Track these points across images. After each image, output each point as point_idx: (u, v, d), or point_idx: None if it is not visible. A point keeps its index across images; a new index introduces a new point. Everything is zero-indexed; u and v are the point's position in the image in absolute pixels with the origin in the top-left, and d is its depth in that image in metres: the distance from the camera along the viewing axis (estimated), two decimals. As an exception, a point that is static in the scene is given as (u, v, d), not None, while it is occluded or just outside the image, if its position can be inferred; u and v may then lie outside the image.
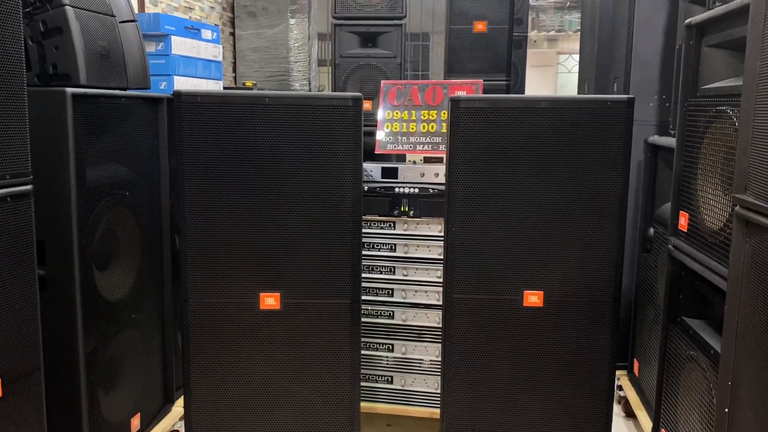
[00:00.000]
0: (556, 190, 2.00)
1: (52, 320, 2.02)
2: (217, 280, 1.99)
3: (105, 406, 2.19)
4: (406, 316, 2.67)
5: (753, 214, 1.51)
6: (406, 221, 2.64)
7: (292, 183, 1.95)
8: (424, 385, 2.69)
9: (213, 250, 1.98)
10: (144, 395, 2.44)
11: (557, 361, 2.07)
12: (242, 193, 1.96)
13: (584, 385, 2.07)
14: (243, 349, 2.03)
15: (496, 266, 2.04)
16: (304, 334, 2.02)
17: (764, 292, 1.47)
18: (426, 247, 2.64)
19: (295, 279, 2.00)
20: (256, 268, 1.99)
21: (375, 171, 2.62)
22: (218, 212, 1.97)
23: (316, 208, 1.97)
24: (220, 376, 2.04)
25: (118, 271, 2.26)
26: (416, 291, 2.66)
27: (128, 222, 2.31)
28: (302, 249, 1.98)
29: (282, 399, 2.06)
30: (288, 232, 1.98)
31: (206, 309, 2.01)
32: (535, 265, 2.04)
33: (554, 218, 2.01)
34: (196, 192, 1.97)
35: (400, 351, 2.69)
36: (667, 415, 2.25)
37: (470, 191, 2.01)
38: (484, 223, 2.02)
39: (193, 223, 1.97)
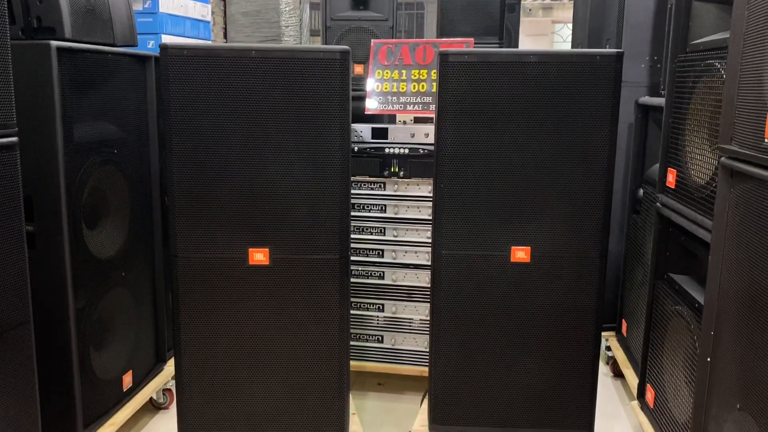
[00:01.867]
0: (545, 146, 2.00)
1: (42, 277, 2.02)
2: (205, 235, 2.00)
3: (96, 363, 2.21)
4: (396, 276, 2.69)
5: (738, 163, 1.52)
6: (396, 182, 2.64)
7: (280, 138, 1.95)
8: (413, 344, 2.71)
9: (201, 206, 1.98)
10: (135, 354, 2.46)
11: (544, 316, 2.09)
12: (230, 148, 1.95)
13: (571, 340, 2.10)
14: (233, 304, 2.04)
15: (483, 222, 2.05)
16: (294, 289, 2.03)
17: (748, 240, 1.48)
18: (416, 208, 2.64)
19: (284, 234, 2.00)
20: (245, 224, 1.99)
21: (365, 132, 2.61)
22: (206, 167, 1.96)
23: (304, 162, 1.96)
24: (211, 331, 2.05)
25: (107, 229, 2.26)
26: (406, 251, 2.67)
27: (117, 181, 2.30)
28: (291, 204, 1.98)
29: (272, 354, 2.07)
30: (277, 187, 1.97)
31: (195, 264, 2.01)
32: (522, 221, 2.04)
33: (542, 174, 2.01)
34: (184, 147, 1.96)
35: (390, 311, 2.71)
36: (653, 371, 2.28)
37: (458, 147, 2.01)
38: (473, 179, 2.02)
39: (180, 178, 1.97)
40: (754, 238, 1.45)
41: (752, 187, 1.47)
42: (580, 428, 2.16)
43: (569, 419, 2.16)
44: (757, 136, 1.44)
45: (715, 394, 1.66)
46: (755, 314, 1.43)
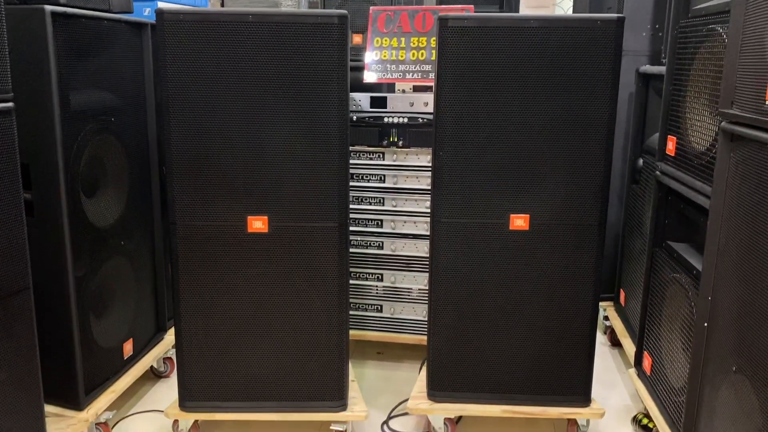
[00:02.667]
0: (545, 113, 1.98)
1: (41, 245, 2.03)
2: (204, 203, 1.99)
3: (97, 331, 2.22)
4: (395, 246, 2.69)
5: (738, 127, 1.51)
6: (395, 151, 2.63)
7: (278, 104, 1.93)
8: (412, 313, 2.73)
9: (199, 173, 1.97)
10: (136, 323, 2.47)
11: (543, 284, 2.10)
12: (228, 115, 1.94)
13: (569, 308, 2.10)
14: (232, 272, 2.04)
15: (482, 190, 2.04)
16: (293, 258, 2.03)
17: (747, 204, 1.48)
18: (415, 178, 2.64)
19: (283, 202, 2.00)
20: (244, 192, 1.99)
21: (364, 100, 2.59)
22: (204, 134, 1.95)
23: (302, 130, 1.95)
24: (210, 298, 2.06)
25: (105, 198, 2.26)
26: (405, 221, 2.67)
27: (115, 149, 2.29)
28: (289, 172, 1.98)
29: (271, 322, 2.08)
30: (275, 155, 1.97)
31: (194, 232, 2.01)
32: (521, 189, 2.04)
33: (542, 142, 2.00)
34: (181, 114, 1.95)
35: (389, 280, 2.72)
36: (651, 339, 2.29)
37: (458, 114, 2.00)
38: (471, 147, 2.01)
39: (178, 145, 1.96)
40: (753, 201, 1.45)
41: (752, 151, 1.46)
42: (577, 396, 2.18)
43: (566, 387, 2.18)
44: (757, 99, 1.43)
45: (711, 358, 1.67)
46: (753, 277, 1.43)
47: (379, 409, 2.43)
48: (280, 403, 2.15)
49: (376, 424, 2.33)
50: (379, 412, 2.41)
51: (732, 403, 1.52)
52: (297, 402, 2.14)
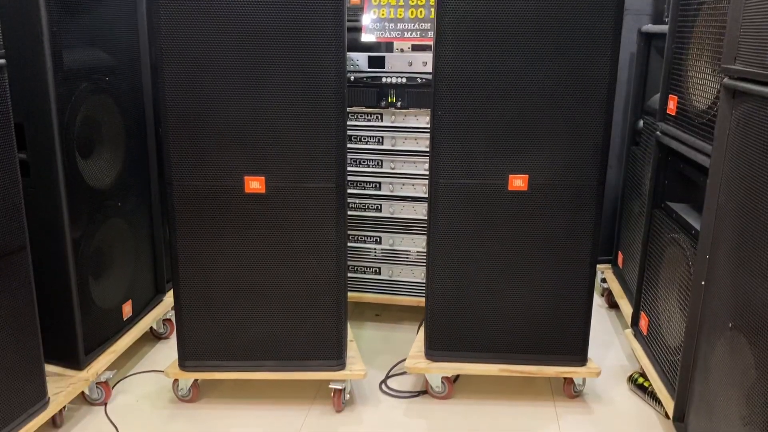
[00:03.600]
0: (545, 73, 1.96)
1: (37, 206, 2.02)
2: (200, 163, 1.98)
3: (95, 292, 2.22)
4: (394, 209, 2.69)
5: (741, 82, 1.49)
6: (394, 113, 2.60)
7: (275, 63, 1.91)
8: (410, 275, 2.73)
9: (196, 133, 1.96)
10: (134, 284, 2.48)
11: (541, 245, 2.10)
12: (224, 75, 1.91)
13: (567, 268, 2.11)
14: (229, 232, 2.04)
15: (481, 150, 2.03)
16: (290, 218, 2.03)
17: (747, 160, 1.47)
18: (413, 140, 2.62)
19: (280, 163, 1.98)
20: (241, 152, 1.97)
21: (361, 60, 2.56)
22: (199, 94, 1.93)
23: (300, 90, 1.93)
24: (208, 259, 2.06)
25: (102, 159, 2.24)
26: (403, 184, 2.66)
27: (110, 109, 2.27)
28: (287, 133, 1.96)
29: (270, 282, 2.09)
30: (272, 115, 1.95)
31: (191, 192, 2.00)
32: (520, 149, 2.02)
33: (542, 101, 1.98)
34: (176, 74, 1.92)
35: (387, 243, 2.72)
36: (648, 299, 2.30)
37: (457, 74, 1.97)
38: (471, 107, 1.99)
39: (173, 104, 1.93)
40: (753, 158, 1.44)
41: (754, 107, 1.44)
42: (574, 355, 2.20)
43: (563, 347, 2.19)
44: (761, 54, 1.40)
45: (707, 316, 1.67)
46: (752, 235, 1.43)
47: (377, 368, 2.46)
48: (279, 363, 2.16)
49: (375, 383, 2.36)
50: (378, 372, 2.43)
51: (727, 360, 1.53)
52: (296, 361, 2.16)
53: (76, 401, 2.20)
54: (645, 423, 2.13)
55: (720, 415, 1.56)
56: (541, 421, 2.14)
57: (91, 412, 2.18)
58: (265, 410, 2.19)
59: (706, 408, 1.65)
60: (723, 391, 1.55)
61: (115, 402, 2.25)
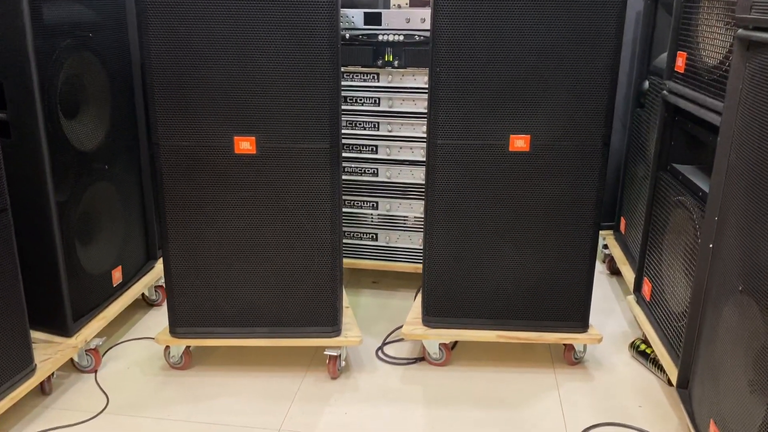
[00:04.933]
0: (548, 28, 1.87)
1: (19, 168, 1.94)
2: (189, 122, 1.90)
3: (83, 258, 2.16)
4: (391, 173, 2.61)
5: (756, 32, 1.40)
6: (391, 72, 2.51)
7: (266, 19, 1.81)
8: (408, 242, 2.67)
9: (183, 92, 1.87)
10: (125, 250, 2.42)
11: (542, 208, 2.03)
12: (212, 30, 1.82)
13: (569, 232, 2.04)
14: (219, 194, 1.97)
15: (481, 110, 1.95)
16: (283, 180, 1.96)
17: (760, 117, 1.39)
18: (411, 101, 2.53)
19: (271, 123, 1.90)
20: (230, 111, 1.89)
21: (357, 17, 2.46)
22: (186, 50, 1.84)
23: (291, 46, 1.84)
24: (197, 222, 2.00)
25: (87, 119, 2.16)
26: (401, 147, 2.58)
27: (94, 68, 2.17)
28: (278, 91, 1.88)
29: (262, 247, 2.02)
30: (263, 72, 1.86)
31: (179, 153, 1.92)
32: (522, 108, 1.94)
33: (544, 58, 1.89)
34: (162, 29, 1.83)
35: (384, 208, 2.65)
36: (651, 264, 2.24)
37: (456, 29, 1.88)
38: (470, 64, 1.90)
39: (159, 61, 1.85)
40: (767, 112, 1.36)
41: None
42: (574, 321, 2.14)
43: (564, 313, 2.14)
44: (780, 0, 1.32)
45: (715, 280, 1.61)
46: (764, 192, 1.36)
47: (374, 335, 2.41)
48: (273, 329, 2.11)
49: (371, 350, 2.31)
50: (374, 339, 2.38)
51: (735, 324, 1.47)
52: (290, 327, 2.11)
53: (65, 368, 2.15)
54: (647, 390, 2.09)
55: (726, 380, 1.50)
56: (541, 387, 2.10)
57: (81, 380, 2.13)
58: (259, 377, 2.15)
59: (711, 374, 1.60)
60: (730, 356, 1.49)
61: (106, 369, 2.20)
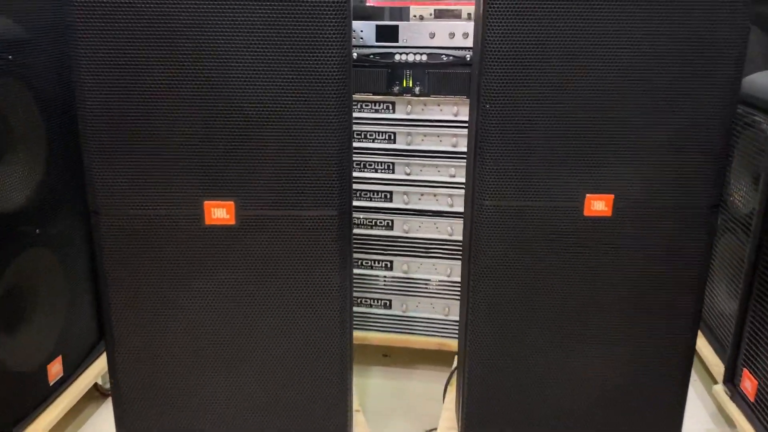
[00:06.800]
0: (641, 49, 1.34)
1: None
2: (140, 183, 1.36)
3: (4, 351, 1.61)
4: (409, 226, 2.08)
5: None
6: (410, 101, 1.98)
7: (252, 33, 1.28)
8: (430, 311, 2.14)
9: (131, 140, 1.33)
10: (68, 333, 1.86)
11: (627, 289, 1.50)
12: (174, 50, 1.28)
13: (660, 323, 1.51)
14: (184, 280, 1.42)
15: (547, 161, 1.42)
16: (271, 260, 1.41)
17: None
18: (436, 136, 2.00)
19: (255, 182, 1.36)
20: (198, 166, 1.35)
21: (367, 31, 1.92)
22: (137, 82, 1.29)
23: (286, 71, 1.30)
24: (155, 317, 1.45)
25: (12, 169, 1.61)
26: (422, 194, 2.05)
27: (21, 99, 1.63)
28: (266, 135, 1.34)
29: (241, 346, 1.48)
30: (245, 109, 1.32)
31: (127, 225, 1.38)
32: (603, 159, 1.41)
33: (635, 91, 1.37)
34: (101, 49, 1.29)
35: (400, 269, 2.12)
36: (755, 351, 1.72)
37: (516, 50, 1.35)
38: (534, 99, 1.37)
39: (96, 97, 1.30)
40: None
41: None
42: None
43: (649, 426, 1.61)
44: None
45: None
46: None
47: (391, 441, 1.87)
48: (260, 454, 1.57)
49: (389, 467, 1.77)
50: (392, 447, 1.85)
51: None
52: (283, 452, 1.56)
53: (-21, 506, 1.60)
54: None
55: None
56: None
57: None
58: None
59: None
60: None
61: (36, 503, 1.64)
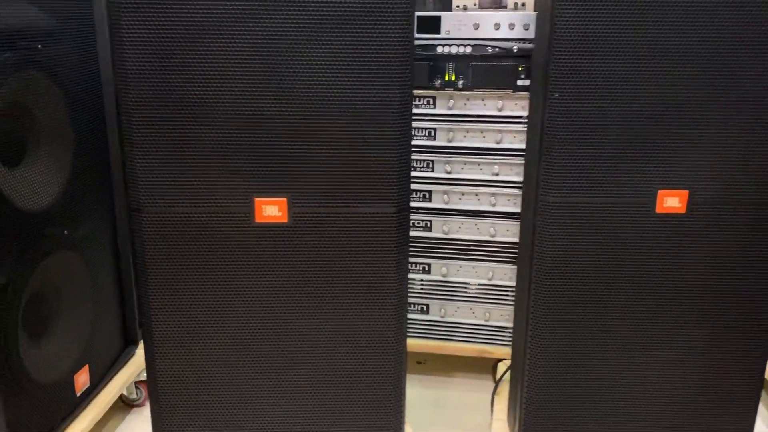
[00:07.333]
0: (722, 33, 1.26)
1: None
2: (186, 179, 1.26)
3: (32, 361, 1.50)
4: (449, 227, 1.98)
5: None
6: (452, 95, 1.89)
7: (305, 30, 1.19)
8: (470, 316, 2.04)
9: (177, 134, 1.23)
10: (94, 341, 1.76)
11: (702, 292, 1.41)
12: (225, 41, 1.19)
13: (739, 329, 1.42)
14: (232, 282, 1.33)
15: (618, 154, 1.33)
16: (325, 260, 1.32)
17: None
18: (479, 132, 1.91)
19: (311, 176, 1.27)
20: (249, 161, 1.25)
21: (409, 22, 1.83)
22: (182, 69, 1.20)
23: (343, 60, 1.21)
24: (199, 325, 1.35)
25: (37, 167, 1.52)
26: (463, 194, 1.96)
27: (48, 93, 1.53)
28: (321, 131, 1.24)
29: (292, 354, 1.38)
30: (298, 105, 1.23)
31: (171, 223, 1.28)
32: (677, 151, 1.33)
33: (712, 79, 1.28)
34: (147, 43, 1.20)
35: (439, 272, 2.02)
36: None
37: (583, 32, 1.26)
38: (606, 87, 1.29)
39: (141, 90, 1.21)
40: None
41: None
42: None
43: None
44: None
45: None
46: None
47: (436, 454, 1.77)
48: (307, 469, 1.47)
49: (437, 481, 1.67)
50: (438, 461, 1.75)
51: None
52: (331, 467, 1.46)
53: None
54: None
55: None
56: None
57: None
58: None
59: None
60: None
61: None
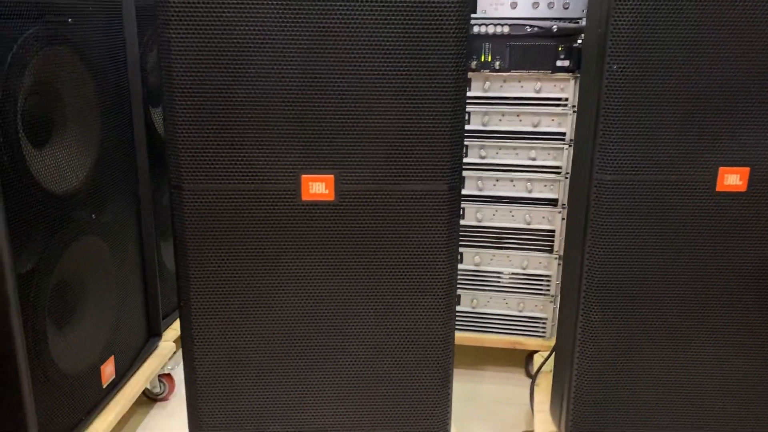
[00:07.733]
0: (785, 2, 1.21)
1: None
2: (229, 155, 1.20)
3: (59, 350, 1.44)
4: (482, 214, 1.93)
5: None
6: (488, 77, 1.83)
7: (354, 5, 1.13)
8: (503, 306, 1.98)
9: (220, 109, 1.17)
10: (119, 332, 1.70)
11: (761, 280, 1.35)
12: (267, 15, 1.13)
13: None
14: (277, 262, 1.26)
15: (677, 130, 1.27)
16: (375, 240, 1.26)
17: None
18: (515, 116, 1.85)
19: (358, 154, 1.21)
20: (295, 137, 1.19)
21: (444, 2, 1.78)
22: (230, 43, 1.14)
23: (396, 33, 1.15)
24: (240, 306, 1.29)
25: (65, 148, 1.45)
26: (497, 180, 1.90)
27: (75, 70, 1.47)
28: (372, 105, 1.18)
29: (337, 339, 1.32)
30: (346, 79, 1.17)
31: (213, 201, 1.22)
32: (739, 127, 1.27)
33: (775, 50, 1.23)
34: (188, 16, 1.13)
35: (471, 261, 1.97)
36: None
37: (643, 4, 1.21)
38: (663, 59, 1.23)
39: (183, 60, 1.15)
40: None
41: None
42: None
43: None
44: None
45: None
46: None
47: (474, 447, 1.71)
48: (349, 462, 1.40)
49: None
50: (477, 454, 1.69)
51: None
52: (375, 459, 1.40)
53: None
54: None
55: None
56: None
57: None
58: None
59: None
60: None
61: None
